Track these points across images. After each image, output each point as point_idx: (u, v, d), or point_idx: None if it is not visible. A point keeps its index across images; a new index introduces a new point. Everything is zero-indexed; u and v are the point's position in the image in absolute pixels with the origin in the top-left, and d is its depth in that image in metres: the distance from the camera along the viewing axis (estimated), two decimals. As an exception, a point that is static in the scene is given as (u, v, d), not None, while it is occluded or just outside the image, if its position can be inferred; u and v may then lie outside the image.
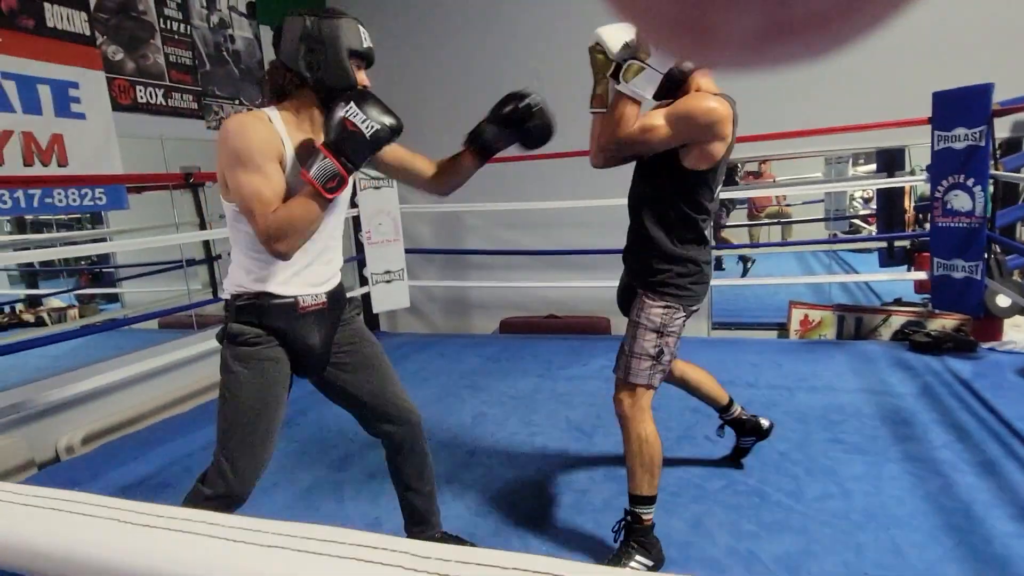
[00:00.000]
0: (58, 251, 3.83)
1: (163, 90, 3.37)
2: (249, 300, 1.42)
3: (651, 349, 1.68)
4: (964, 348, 3.13)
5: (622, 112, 1.59)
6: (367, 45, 1.42)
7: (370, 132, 1.30)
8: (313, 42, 1.36)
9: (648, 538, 1.71)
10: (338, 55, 1.36)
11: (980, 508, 1.81)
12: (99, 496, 0.47)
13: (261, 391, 1.43)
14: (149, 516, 0.43)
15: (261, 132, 1.34)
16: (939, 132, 3.05)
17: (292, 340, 1.44)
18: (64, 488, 1.97)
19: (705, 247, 1.72)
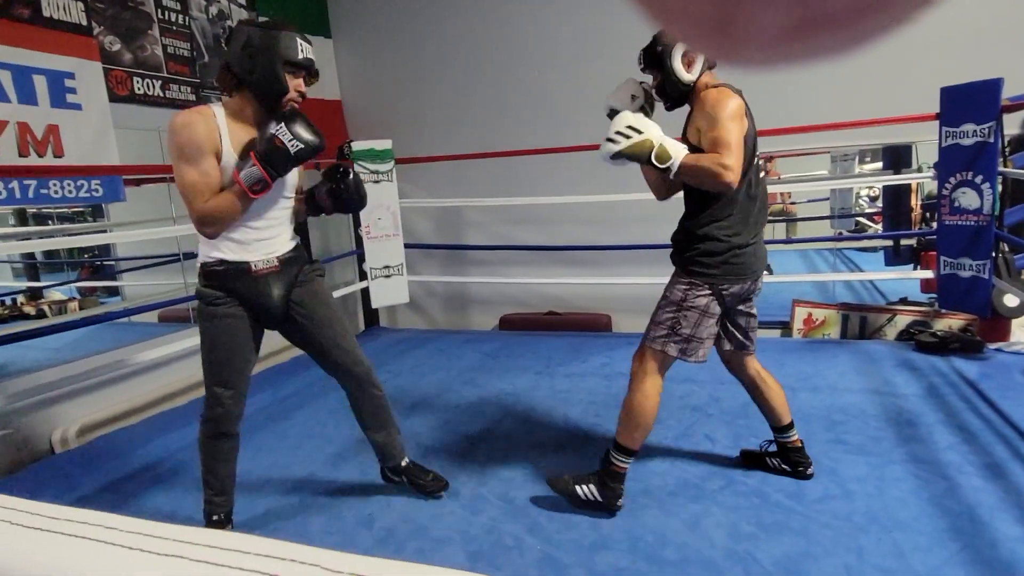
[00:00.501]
0: (56, 241, 3.81)
1: (161, 81, 3.34)
2: (211, 267, 1.70)
3: (668, 320, 1.86)
4: (971, 348, 3.08)
5: (694, 173, 1.72)
6: (303, 56, 1.63)
7: (294, 149, 1.58)
8: (252, 50, 1.58)
9: (611, 482, 1.88)
10: (272, 64, 1.59)
11: (986, 512, 1.76)
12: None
13: (226, 341, 1.75)
14: (46, 519, 0.39)
15: (200, 129, 1.57)
16: (947, 128, 3.00)
17: (248, 298, 1.74)
18: (57, 480, 1.95)
19: (740, 229, 1.81)
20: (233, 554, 0.31)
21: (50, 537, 0.36)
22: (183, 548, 0.33)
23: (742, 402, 2.70)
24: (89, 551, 0.33)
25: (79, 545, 0.34)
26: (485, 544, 1.81)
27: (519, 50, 4.27)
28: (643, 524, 1.84)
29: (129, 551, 0.33)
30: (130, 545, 0.34)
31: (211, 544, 0.32)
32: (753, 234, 1.85)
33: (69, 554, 0.33)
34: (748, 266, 1.84)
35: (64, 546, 0.34)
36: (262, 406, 3.10)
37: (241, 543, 0.32)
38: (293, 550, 0.31)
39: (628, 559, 1.69)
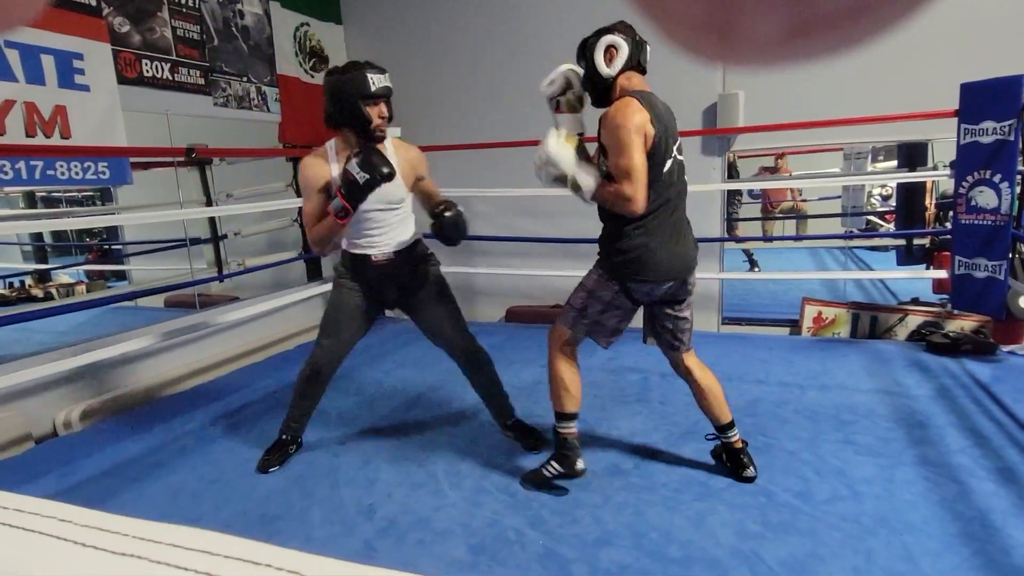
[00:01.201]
0: (63, 222, 3.80)
1: (170, 64, 3.32)
2: (347, 253, 2.21)
3: (578, 303, 2.00)
4: (983, 350, 3.03)
5: (602, 200, 1.88)
6: (375, 88, 1.94)
7: (362, 180, 1.87)
8: (335, 95, 1.95)
9: (565, 450, 1.99)
10: (353, 103, 1.93)
11: (998, 517, 1.73)
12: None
13: (338, 306, 2.24)
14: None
15: (311, 172, 2.04)
16: (966, 125, 2.94)
17: (367, 280, 2.21)
18: (59, 463, 1.93)
19: (653, 231, 1.86)
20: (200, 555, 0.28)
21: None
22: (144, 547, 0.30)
23: (748, 399, 2.67)
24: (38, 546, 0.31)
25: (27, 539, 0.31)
26: (487, 537, 1.79)
27: (530, 38, 4.22)
28: (647, 521, 1.82)
29: (82, 548, 0.30)
30: (84, 541, 0.31)
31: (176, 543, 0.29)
32: (669, 236, 1.88)
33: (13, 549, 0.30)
34: (660, 268, 1.87)
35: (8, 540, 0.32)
36: (268, 392, 3.09)
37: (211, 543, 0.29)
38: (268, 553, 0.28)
39: (632, 556, 1.66)
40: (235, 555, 0.28)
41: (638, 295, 1.93)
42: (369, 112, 1.94)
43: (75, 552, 0.29)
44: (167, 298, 4.33)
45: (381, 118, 1.97)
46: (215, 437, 2.59)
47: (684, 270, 1.92)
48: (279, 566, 0.27)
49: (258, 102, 3.91)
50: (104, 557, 0.29)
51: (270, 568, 0.27)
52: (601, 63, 1.83)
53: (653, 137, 1.78)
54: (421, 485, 2.10)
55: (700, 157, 3.93)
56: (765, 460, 2.13)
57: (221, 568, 0.28)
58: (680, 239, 1.91)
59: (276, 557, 0.28)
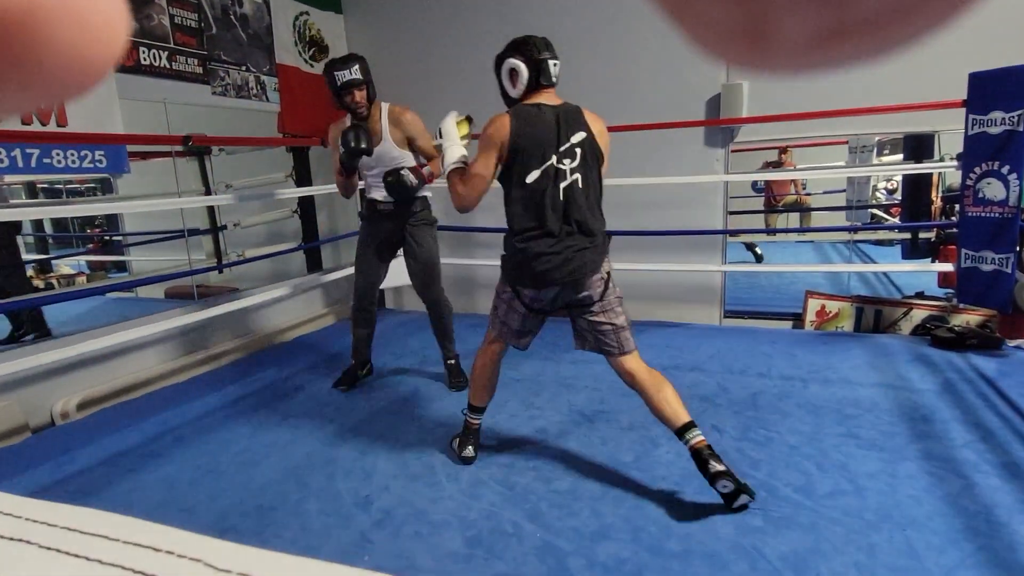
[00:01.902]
0: (63, 209, 3.78)
1: (167, 52, 3.28)
2: (363, 198, 2.86)
3: (493, 304, 2.14)
4: (989, 345, 2.99)
5: (448, 181, 2.13)
6: (341, 81, 2.53)
7: (342, 151, 2.51)
8: (329, 87, 2.60)
9: (464, 436, 2.18)
10: (336, 94, 2.58)
11: (1004, 512, 1.70)
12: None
13: (361, 245, 2.86)
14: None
15: (332, 133, 2.73)
16: (974, 116, 2.89)
17: (373, 222, 2.81)
18: (56, 452, 1.91)
19: (536, 239, 1.91)
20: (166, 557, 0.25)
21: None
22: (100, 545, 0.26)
23: (751, 392, 2.65)
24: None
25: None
26: (484, 529, 1.76)
27: (531, 27, 4.17)
28: (646, 515, 1.79)
29: (9, 542, 0.27)
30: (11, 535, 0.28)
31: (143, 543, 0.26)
32: (547, 243, 1.89)
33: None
34: (543, 275, 1.89)
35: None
36: (265, 384, 3.07)
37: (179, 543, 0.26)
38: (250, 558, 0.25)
39: (630, 549, 1.64)
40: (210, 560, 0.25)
41: (526, 300, 1.99)
42: (347, 100, 2.56)
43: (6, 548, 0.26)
44: (167, 289, 4.32)
45: (357, 101, 2.56)
46: (212, 428, 2.58)
47: (566, 276, 1.89)
48: (181, 553, 0.24)
49: (257, 91, 3.88)
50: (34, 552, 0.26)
51: (171, 555, 0.24)
52: (508, 86, 2.00)
53: (508, 148, 1.90)
54: (418, 477, 2.08)
55: (703, 148, 3.89)
56: (766, 454, 2.10)
57: (125, 555, 0.25)
58: (561, 246, 1.89)
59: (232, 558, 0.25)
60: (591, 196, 1.96)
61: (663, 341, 3.43)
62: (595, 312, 1.97)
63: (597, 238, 1.95)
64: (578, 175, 1.93)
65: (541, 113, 1.93)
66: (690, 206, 3.93)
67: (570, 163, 1.92)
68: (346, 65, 2.51)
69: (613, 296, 1.98)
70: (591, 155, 1.95)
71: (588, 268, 1.92)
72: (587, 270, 1.91)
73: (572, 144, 1.93)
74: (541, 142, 1.90)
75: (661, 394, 1.91)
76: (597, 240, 1.95)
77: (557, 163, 1.91)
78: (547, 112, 1.93)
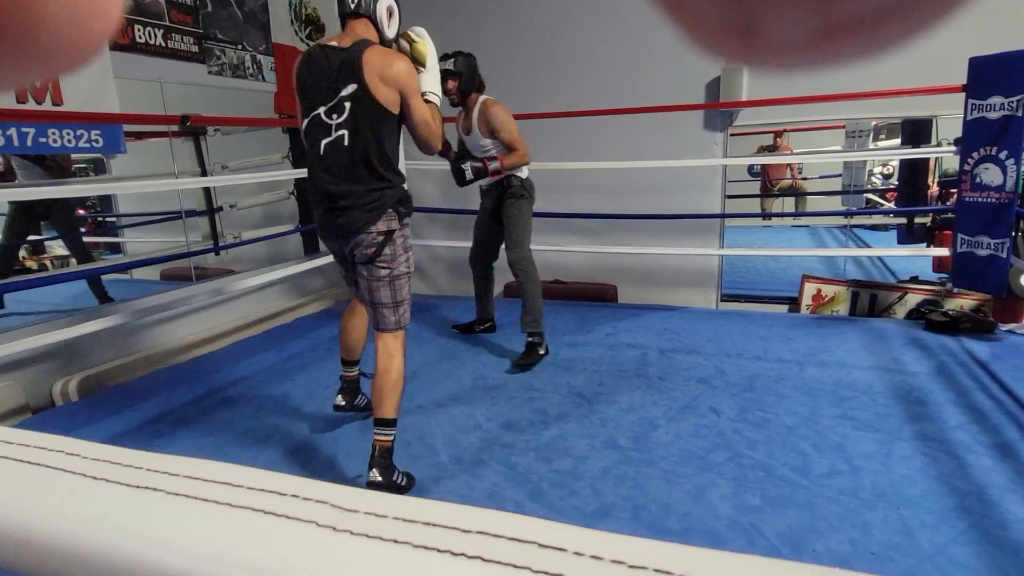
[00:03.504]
0: (56, 190, 3.74)
1: (162, 31, 3.23)
2: None
3: None
4: (982, 329, 3.03)
5: None
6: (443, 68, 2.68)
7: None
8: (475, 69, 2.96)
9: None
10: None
11: (995, 492, 1.74)
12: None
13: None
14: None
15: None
16: (973, 100, 2.90)
17: (483, 195, 3.27)
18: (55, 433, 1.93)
19: (311, 193, 1.92)
20: (222, 487, 0.27)
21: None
22: (160, 480, 0.28)
23: (748, 375, 2.68)
24: (45, 480, 0.29)
25: (32, 473, 0.30)
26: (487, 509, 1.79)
27: (533, 11, 4.13)
28: (646, 494, 1.82)
29: (94, 481, 0.29)
30: (95, 475, 0.29)
31: (196, 475, 0.28)
32: (318, 200, 1.88)
33: (19, 485, 0.29)
34: (318, 227, 1.93)
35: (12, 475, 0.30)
36: (265, 366, 3.08)
37: (235, 475, 0.27)
38: (297, 485, 0.27)
39: (630, 527, 1.67)
40: (264, 487, 0.26)
41: (330, 248, 1.99)
42: (443, 86, 2.62)
43: (87, 486, 0.28)
44: (163, 271, 4.30)
45: (449, 89, 2.88)
46: (213, 409, 2.59)
47: (327, 231, 1.90)
48: (307, 496, 0.26)
49: (253, 71, 3.84)
50: (118, 490, 0.27)
51: (296, 499, 0.26)
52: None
53: (301, 85, 1.85)
54: (420, 457, 2.10)
55: (702, 132, 3.89)
56: (763, 435, 2.14)
57: (250, 500, 0.26)
58: (326, 203, 1.85)
59: (305, 488, 0.26)
60: (360, 153, 1.80)
61: (661, 324, 3.45)
62: (364, 276, 1.91)
63: (366, 197, 1.82)
64: (344, 131, 1.79)
65: (324, 56, 1.79)
66: (688, 190, 3.93)
67: (336, 118, 1.79)
68: (448, 57, 2.83)
69: (383, 269, 1.87)
70: (365, 107, 1.77)
71: (346, 228, 1.84)
72: (345, 230, 1.84)
73: (341, 97, 1.77)
74: (311, 91, 1.81)
75: (378, 381, 1.88)
76: (366, 200, 1.82)
77: (326, 116, 1.80)
78: (332, 56, 1.78)
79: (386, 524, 0.24)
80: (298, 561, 0.23)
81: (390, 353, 1.90)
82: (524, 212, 3.04)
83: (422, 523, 0.24)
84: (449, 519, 0.24)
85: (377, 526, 0.24)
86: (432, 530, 0.24)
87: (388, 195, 1.85)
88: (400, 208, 1.88)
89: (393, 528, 0.24)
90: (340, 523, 0.24)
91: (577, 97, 4.00)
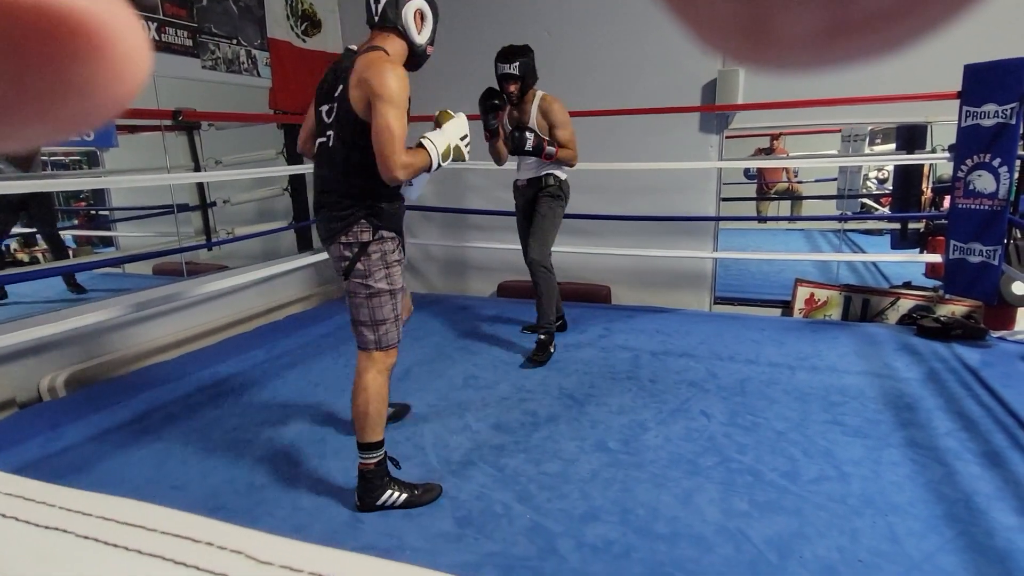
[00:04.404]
0: (50, 183, 3.71)
1: (156, 24, 3.21)
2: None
3: None
4: (973, 336, 3.04)
5: None
6: (499, 73, 2.90)
7: (481, 111, 2.94)
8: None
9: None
10: (497, 78, 2.93)
11: (983, 500, 1.74)
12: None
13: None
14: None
15: None
16: (968, 108, 2.90)
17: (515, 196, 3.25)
18: (43, 428, 1.90)
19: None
20: (134, 530, 0.25)
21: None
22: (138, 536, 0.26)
23: (739, 379, 2.67)
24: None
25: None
26: (474, 510, 1.78)
27: (530, 10, 4.12)
28: (635, 497, 1.82)
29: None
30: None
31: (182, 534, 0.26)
32: (316, 202, 1.84)
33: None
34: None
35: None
36: (255, 363, 3.06)
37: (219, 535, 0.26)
38: (207, 529, 0.25)
39: (618, 531, 1.67)
40: (179, 533, 0.25)
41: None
42: (503, 86, 2.92)
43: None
44: (154, 265, 4.27)
45: (510, 91, 2.90)
46: (202, 405, 2.57)
47: (323, 236, 1.84)
48: (222, 545, 0.25)
49: (248, 66, 3.81)
50: (24, 530, 0.26)
51: (211, 547, 0.25)
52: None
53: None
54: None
55: (697, 134, 3.88)
56: (753, 439, 2.13)
57: (162, 546, 0.25)
58: (321, 206, 1.82)
59: (222, 535, 0.25)
60: (339, 156, 1.76)
61: (653, 326, 3.45)
62: (344, 289, 1.85)
63: (339, 203, 1.76)
64: (331, 132, 1.77)
65: (342, 60, 1.80)
66: (683, 192, 3.93)
67: (328, 119, 1.79)
68: (507, 61, 2.80)
69: (359, 285, 1.78)
70: (344, 111, 1.73)
71: (324, 233, 1.81)
72: (323, 235, 1.81)
73: (334, 98, 1.77)
74: (320, 91, 1.82)
75: (354, 404, 1.82)
76: (338, 206, 1.76)
77: (326, 116, 1.79)
78: (345, 59, 1.79)
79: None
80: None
81: (366, 374, 1.81)
82: (557, 213, 3.03)
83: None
84: (373, 573, 0.23)
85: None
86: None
87: (360, 205, 1.76)
88: (375, 220, 1.77)
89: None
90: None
91: (574, 97, 3.98)
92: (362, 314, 1.80)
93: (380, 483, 1.81)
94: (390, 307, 1.82)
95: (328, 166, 1.79)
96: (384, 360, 1.84)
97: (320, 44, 4.36)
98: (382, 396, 1.82)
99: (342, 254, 1.78)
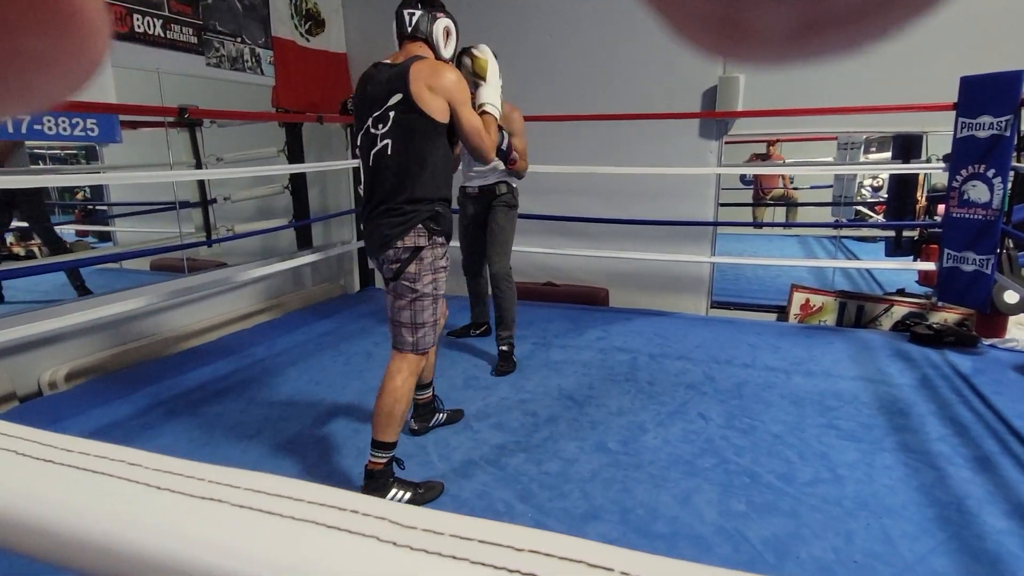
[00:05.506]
0: (47, 178, 3.71)
1: (162, 21, 3.22)
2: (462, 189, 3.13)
3: None
4: (965, 343, 3.09)
5: None
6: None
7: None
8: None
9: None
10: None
11: (974, 503, 1.78)
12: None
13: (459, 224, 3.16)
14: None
15: None
16: (963, 119, 2.95)
17: (462, 204, 3.13)
18: (45, 422, 1.91)
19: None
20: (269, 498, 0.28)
21: (66, 472, 0.33)
22: (223, 492, 0.29)
23: (736, 382, 2.71)
24: (112, 489, 0.30)
25: (102, 482, 0.31)
26: (476, 509, 1.81)
27: (532, 13, 4.15)
28: (634, 498, 1.85)
29: (158, 491, 0.30)
30: (159, 485, 0.31)
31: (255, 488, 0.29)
32: (366, 212, 1.88)
33: (90, 492, 0.30)
34: (365, 242, 1.94)
35: (84, 483, 0.31)
36: (256, 360, 3.08)
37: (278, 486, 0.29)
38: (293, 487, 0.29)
39: (618, 531, 1.69)
40: (325, 502, 0.28)
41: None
42: None
43: (152, 496, 0.29)
44: (152, 261, 4.27)
45: None
46: (203, 401, 2.58)
47: (370, 247, 1.88)
48: (367, 512, 0.27)
49: (252, 64, 3.82)
50: (184, 501, 0.29)
51: (356, 514, 0.27)
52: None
53: (353, 104, 1.93)
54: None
55: (697, 140, 3.92)
56: (750, 442, 2.17)
57: (312, 514, 0.28)
58: (367, 215, 1.87)
59: (365, 505, 0.28)
60: (401, 164, 1.79)
61: (651, 329, 3.49)
62: (388, 291, 1.88)
63: (398, 210, 1.79)
64: (387, 141, 1.79)
65: (377, 72, 1.84)
66: (682, 197, 3.97)
67: (382, 128, 1.80)
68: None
69: (406, 288, 1.81)
70: (406, 118, 1.77)
71: (378, 240, 1.82)
72: (376, 243, 1.83)
73: (387, 107, 1.79)
74: (363, 104, 1.84)
75: (380, 401, 1.83)
76: (397, 212, 1.79)
77: (373, 127, 1.82)
78: (383, 71, 1.83)
79: (444, 541, 0.26)
80: (364, 572, 0.24)
81: (397, 374, 1.83)
82: (512, 222, 3.03)
83: (477, 541, 0.26)
84: (502, 538, 0.26)
85: (435, 543, 0.26)
86: (487, 548, 0.25)
87: (421, 210, 1.79)
88: (432, 225, 1.81)
89: (450, 545, 0.25)
90: (400, 539, 0.26)
91: (575, 101, 4.02)
92: (404, 316, 1.83)
93: (386, 482, 1.84)
94: (431, 311, 1.86)
95: (386, 172, 1.80)
96: (417, 363, 1.87)
97: (323, 43, 4.37)
98: (409, 399, 1.86)
99: (398, 257, 1.81)
